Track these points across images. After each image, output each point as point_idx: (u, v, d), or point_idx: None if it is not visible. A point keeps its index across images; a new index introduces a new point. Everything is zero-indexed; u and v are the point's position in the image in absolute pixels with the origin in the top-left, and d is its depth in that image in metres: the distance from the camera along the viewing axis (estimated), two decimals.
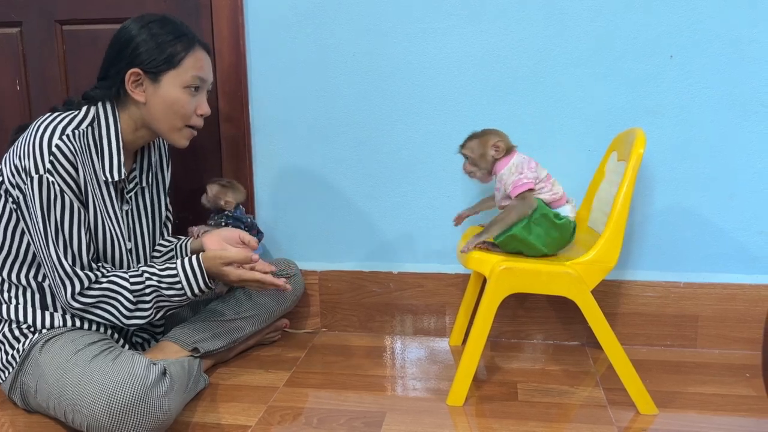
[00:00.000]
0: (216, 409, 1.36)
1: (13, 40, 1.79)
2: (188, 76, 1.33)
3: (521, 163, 1.39)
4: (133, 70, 1.31)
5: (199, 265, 1.34)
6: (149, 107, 1.34)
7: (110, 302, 1.31)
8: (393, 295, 1.75)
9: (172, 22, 1.34)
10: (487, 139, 1.42)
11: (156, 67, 1.31)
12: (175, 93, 1.33)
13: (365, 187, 1.73)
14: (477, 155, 1.43)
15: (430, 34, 1.62)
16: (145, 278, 1.33)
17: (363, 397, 1.41)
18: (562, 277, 1.30)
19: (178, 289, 1.34)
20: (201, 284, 1.35)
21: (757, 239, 1.59)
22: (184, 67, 1.32)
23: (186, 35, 1.34)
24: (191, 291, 1.34)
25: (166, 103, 1.33)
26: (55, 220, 1.25)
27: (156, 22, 1.32)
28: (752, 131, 1.55)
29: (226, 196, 1.62)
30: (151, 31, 1.31)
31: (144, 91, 1.33)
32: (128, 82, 1.32)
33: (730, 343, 1.63)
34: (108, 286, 1.31)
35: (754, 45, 1.52)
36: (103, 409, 1.13)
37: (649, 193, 1.61)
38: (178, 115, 1.35)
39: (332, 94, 1.69)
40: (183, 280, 1.34)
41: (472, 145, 1.44)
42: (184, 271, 1.34)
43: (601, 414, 1.32)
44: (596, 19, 1.56)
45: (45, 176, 1.23)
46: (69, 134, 1.26)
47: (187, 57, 1.33)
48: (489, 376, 1.50)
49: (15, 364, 1.29)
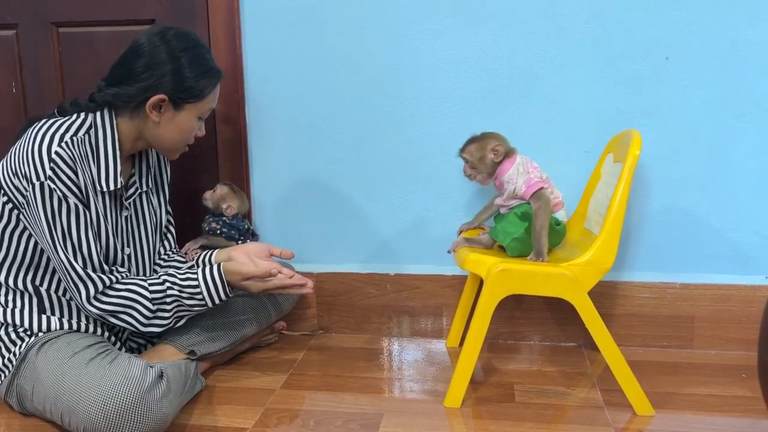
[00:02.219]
0: (213, 411, 1.36)
1: (9, 42, 1.78)
2: (206, 108, 1.37)
3: (525, 164, 1.41)
4: (160, 96, 1.30)
5: (220, 276, 1.36)
6: (161, 129, 1.35)
7: (128, 310, 1.32)
8: (390, 297, 1.75)
9: (201, 52, 1.35)
10: (486, 142, 1.43)
11: (182, 99, 1.32)
12: (190, 123, 1.36)
13: (362, 189, 1.73)
14: (476, 159, 1.44)
15: (427, 35, 1.62)
16: (166, 287, 1.34)
17: (360, 398, 1.41)
18: (559, 278, 1.30)
19: (200, 299, 1.36)
20: (222, 295, 1.37)
21: (752, 240, 1.60)
22: (205, 101, 1.36)
23: (213, 69, 1.36)
24: (212, 301, 1.37)
25: (179, 129, 1.36)
26: (61, 225, 1.25)
27: (186, 52, 1.31)
28: (748, 132, 1.56)
29: (231, 201, 1.62)
30: (181, 61, 1.31)
31: (161, 115, 1.33)
32: (150, 105, 1.31)
33: (726, 343, 1.63)
34: (126, 294, 1.31)
35: (749, 46, 1.52)
36: (100, 413, 1.13)
37: (645, 195, 1.62)
38: (184, 139, 1.39)
39: (329, 95, 1.69)
40: (204, 291, 1.36)
41: (471, 149, 1.45)
42: (205, 282, 1.36)
43: (598, 415, 1.32)
44: (591, 20, 1.56)
45: (47, 183, 1.23)
46: (67, 141, 1.26)
47: (212, 91, 1.37)
48: (486, 378, 1.50)
49: (11, 368, 1.29)
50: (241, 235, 1.63)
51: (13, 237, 1.32)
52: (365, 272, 1.75)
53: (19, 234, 1.31)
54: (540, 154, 1.63)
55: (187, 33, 1.36)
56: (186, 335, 1.46)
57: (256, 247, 1.51)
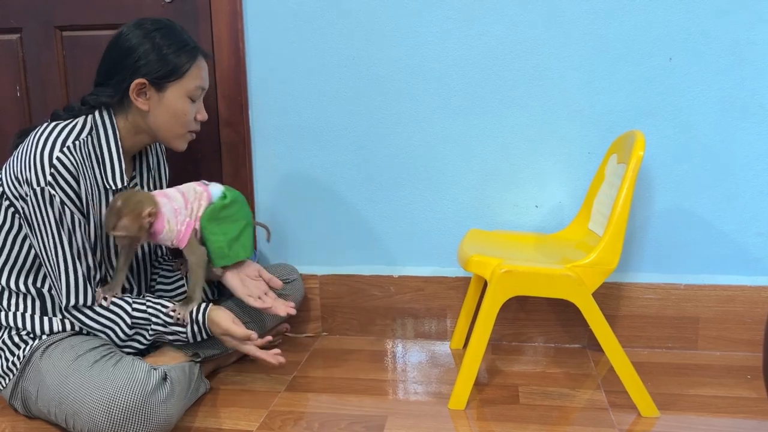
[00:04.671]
0: (217, 413, 1.36)
1: (13, 46, 1.79)
2: (192, 86, 1.35)
3: (172, 212, 1.35)
4: (138, 80, 1.31)
5: (204, 323, 1.36)
6: (153, 116, 1.35)
7: (106, 330, 1.32)
8: (394, 299, 1.75)
9: (175, 30, 1.35)
10: (135, 207, 1.28)
11: (161, 78, 1.32)
12: (179, 103, 1.35)
13: (365, 191, 1.73)
14: (130, 226, 1.28)
15: (429, 37, 1.63)
16: (150, 314, 1.35)
17: (364, 401, 1.40)
18: (563, 279, 1.30)
19: (183, 336, 1.37)
20: (204, 335, 1.38)
21: (756, 241, 1.60)
22: (188, 78, 1.34)
23: (188, 44, 1.35)
24: (194, 339, 1.38)
25: (170, 112, 1.35)
26: (67, 227, 1.25)
27: (158, 31, 1.32)
28: (751, 133, 1.56)
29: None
30: (155, 41, 1.31)
31: (148, 100, 1.33)
32: (133, 92, 1.32)
33: (731, 344, 1.63)
34: (108, 314, 1.32)
35: (752, 47, 1.52)
36: (104, 415, 1.13)
37: (649, 196, 1.61)
38: (181, 123, 1.37)
39: (332, 98, 1.69)
40: (189, 332, 1.37)
41: (122, 218, 1.28)
42: (192, 331, 1.37)
43: (603, 417, 1.32)
44: (595, 21, 1.56)
45: (47, 189, 1.23)
46: (69, 146, 1.26)
47: (192, 67, 1.35)
48: (490, 380, 1.50)
49: (16, 371, 1.29)
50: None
51: (16, 241, 1.32)
52: (369, 274, 1.75)
53: (23, 238, 1.32)
54: (543, 155, 1.63)
55: (158, 18, 1.36)
56: None
57: (248, 267, 1.50)
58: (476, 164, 1.66)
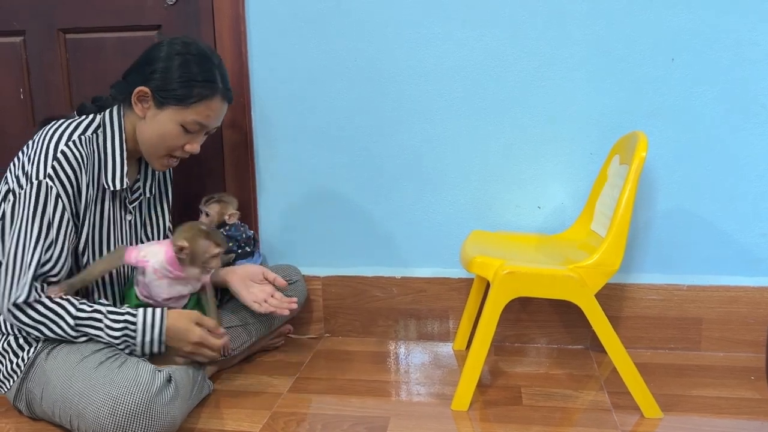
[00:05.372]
0: (220, 415, 1.36)
1: (16, 48, 1.79)
2: (190, 119, 1.33)
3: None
4: (142, 87, 1.32)
5: (161, 321, 1.29)
6: (143, 124, 1.35)
7: (41, 323, 1.26)
8: (396, 300, 1.75)
9: (210, 62, 1.34)
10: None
11: (165, 98, 1.32)
12: (169, 126, 1.34)
13: (367, 192, 1.73)
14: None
15: (431, 39, 1.63)
16: (94, 310, 1.28)
17: (367, 402, 1.41)
18: (566, 280, 1.30)
19: (132, 340, 1.28)
20: (158, 339, 1.30)
21: (759, 241, 1.59)
22: (190, 110, 1.33)
23: (212, 82, 1.33)
24: (143, 345, 1.29)
25: (158, 130, 1.34)
26: (41, 224, 1.24)
27: (194, 57, 1.32)
28: (754, 133, 1.55)
29: (228, 210, 1.61)
30: (185, 63, 1.31)
31: (146, 109, 1.34)
32: (135, 95, 1.33)
33: (734, 345, 1.62)
34: (45, 312, 1.26)
35: (755, 47, 1.52)
36: (109, 416, 1.13)
37: (651, 196, 1.61)
38: (164, 146, 1.36)
39: (334, 99, 1.70)
40: (139, 333, 1.28)
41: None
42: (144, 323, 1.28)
43: (606, 418, 1.32)
44: (597, 22, 1.56)
45: (45, 181, 1.24)
46: (75, 140, 1.28)
47: (200, 103, 1.33)
48: (493, 381, 1.50)
49: (20, 372, 1.30)
50: (240, 245, 1.62)
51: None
52: (371, 275, 1.75)
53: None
54: (545, 155, 1.63)
55: (202, 46, 1.36)
56: None
57: (253, 270, 1.50)
58: (478, 165, 1.66)
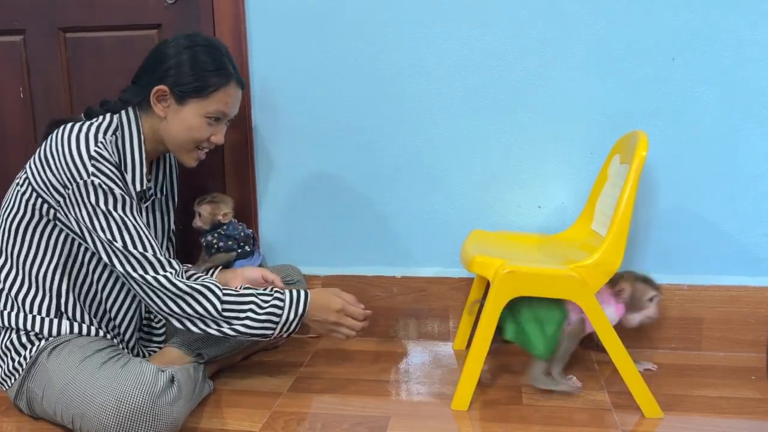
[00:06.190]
0: (220, 414, 1.36)
1: (17, 47, 1.79)
2: (212, 108, 1.35)
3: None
4: (160, 86, 1.32)
5: (305, 301, 1.36)
6: (167, 123, 1.36)
7: (200, 298, 1.29)
8: (396, 300, 1.75)
9: (217, 51, 1.36)
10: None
11: (184, 92, 1.33)
12: (194, 120, 1.35)
13: (368, 192, 1.73)
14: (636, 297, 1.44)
15: (432, 38, 1.63)
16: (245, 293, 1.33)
17: (367, 401, 1.41)
18: (566, 280, 1.30)
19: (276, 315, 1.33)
20: (295, 322, 1.35)
21: (760, 241, 1.59)
22: (210, 100, 1.34)
23: (224, 69, 1.35)
24: (284, 325, 1.34)
25: (184, 125, 1.35)
26: (119, 215, 1.25)
27: (200, 47, 1.34)
28: (755, 133, 1.55)
29: (221, 211, 1.59)
30: (192, 55, 1.33)
31: (166, 108, 1.35)
32: (154, 96, 1.33)
33: (735, 345, 1.62)
34: (197, 287, 1.29)
35: (755, 47, 1.52)
36: (112, 417, 1.13)
37: (652, 196, 1.61)
38: (192, 139, 1.37)
39: (334, 98, 1.70)
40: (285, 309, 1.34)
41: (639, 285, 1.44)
42: (290, 300, 1.34)
43: (606, 418, 1.32)
44: (597, 22, 1.56)
45: (91, 179, 1.24)
46: (102, 141, 1.28)
47: (218, 91, 1.35)
48: (493, 380, 1.50)
49: (22, 371, 1.30)
50: (240, 244, 1.61)
51: (44, 233, 1.31)
52: (371, 275, 1.75)
53: (58, 231, 1.32)
54: (546, 155, 1.63)
55: (207, 37, 1.38)
56: (193, 338, 1.46)
57: (252, 273, 1.51)
58: (479, 165, 1.66)
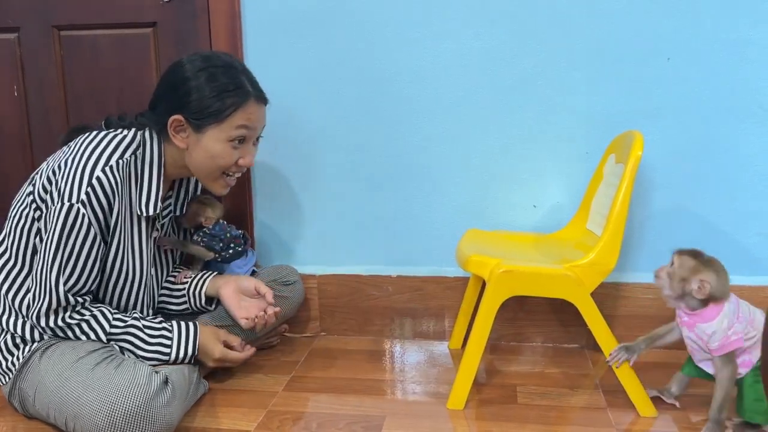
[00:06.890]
0: (215, 414, 1.36)
1: (11, 45, 1.79)
2: (232, 132, 1.30)
3: (731, 316, 1.21)
4: (175, 117, 1.28)
5: (195, 340, 1.37)
6: (190, 154, 1.32)
7: (84, 330, 1.30)
8: (392, 299, 1.75)
9: (232, 70, 1.30)
10: (701, 269, 1.22)
11: (200, 119, 1.28)
12: (216, 146, 1.30)
13: (364, 191, 1.73)
14: (678, 276, 1.24)
15: (429, 38, 1.62)
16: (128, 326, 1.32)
17: (362, 401, 1.40)
18: (561, 279, 1.30)
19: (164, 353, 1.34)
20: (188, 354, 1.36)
21: (756, 241, 1.59)
22: (228, 122, 1.29)
23: (241, 88, 1.30)
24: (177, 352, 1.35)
25: (207, 154, 1.31)
26: (71, 247, 1.23)
27: (215, 69, 1.29)
28: (751, 133, 1.56)
29: (206, 213, 1.55)
30: (209, 79, 1.28)
31: (186, 138, 1.31)
32: (171, 127, 1.30)
33: None
34: (88, 318, 1.30)
35: (751, 47, 1.52)
36: (106, 419, 1.12)
37: (647, 195, 1.61)
38: (217, 166, 1.33)
39: (331, 98, 1.69)
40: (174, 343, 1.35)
41: (686, 262, 1.24)
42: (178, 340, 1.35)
43: (601, 417, 1.32)
44: (593, 22, 1.56)
45: (77, 206, 1.21)
46: (113, 164, 1.24)
47: (236, 112, 1.29)
48: (489, 380, 1.50)
49: (14, 370, 1.29)
50: (228, 245, 1.57)
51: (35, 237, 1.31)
52: (367, 274, 1.75)
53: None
54: (541, 154, 1.63)
55: (222, 56, 1.33)
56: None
57: (245, 283, 1.49)
58: (474, 164, 1.66)
